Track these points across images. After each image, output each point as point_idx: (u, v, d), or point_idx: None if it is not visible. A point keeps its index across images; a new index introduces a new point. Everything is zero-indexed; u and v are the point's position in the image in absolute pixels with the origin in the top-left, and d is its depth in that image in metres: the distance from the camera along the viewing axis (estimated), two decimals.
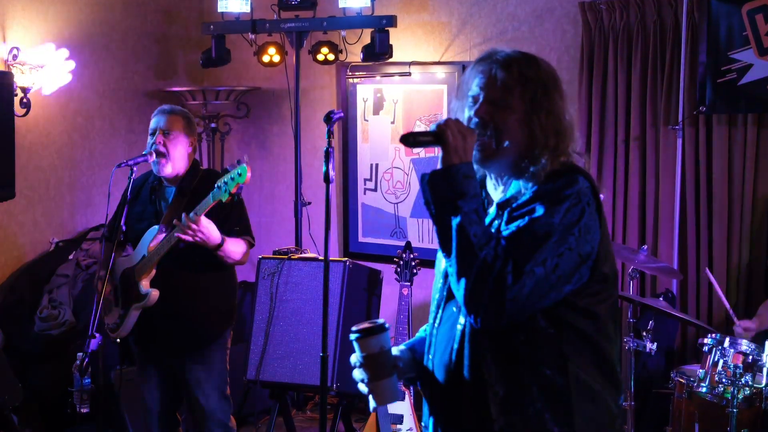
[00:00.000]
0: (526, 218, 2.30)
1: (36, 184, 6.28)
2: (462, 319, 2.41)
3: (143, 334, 4.53)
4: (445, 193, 2.31)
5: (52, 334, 5.82)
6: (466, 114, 2.46)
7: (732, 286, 5.63)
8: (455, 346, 2.42)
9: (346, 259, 5.44)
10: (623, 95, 5.91)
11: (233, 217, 4.46)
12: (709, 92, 5.55)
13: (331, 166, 3.17)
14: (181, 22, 7.38)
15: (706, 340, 4.72)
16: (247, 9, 6.67)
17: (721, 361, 4.62)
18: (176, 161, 4.46)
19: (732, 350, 4.61)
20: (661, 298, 5.60)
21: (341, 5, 6.42)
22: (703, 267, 5.66)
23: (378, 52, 6.29)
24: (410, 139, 2.43)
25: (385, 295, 5.66)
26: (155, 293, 4.35)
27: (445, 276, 2.50)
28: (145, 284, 4.35)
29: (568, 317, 2.33)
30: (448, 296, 2.49)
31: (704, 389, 4.67)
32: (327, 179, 3.15)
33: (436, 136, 2.37)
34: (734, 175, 5.63)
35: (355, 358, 2.54)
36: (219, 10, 6.69)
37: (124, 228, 4.39)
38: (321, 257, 5.50)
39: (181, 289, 4.44)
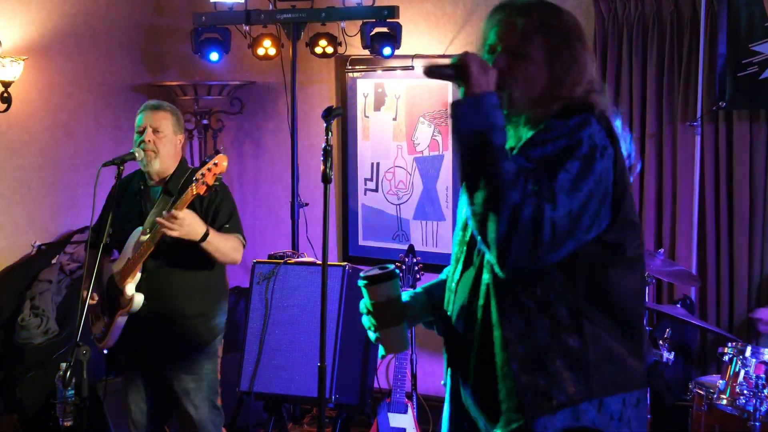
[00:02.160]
0: (541, 151, 2.32)
1: (17, 184, 6.28)
2: (486, 276, 2.43)
3: (129, 342, 4.52)
4: (475, 124, 2.28)
5: (33, 343, 5.82)
6: None
7: (753, 290, 5.62)
8: (480, 302, 2.45)
9: (346, 263, 5.43)
10: (638, 90, 5.90)
11: (223, 214, 4.46)
12: (729, 87, 5.55)
13: (329, 165, 3.16)
14: (171, 12, 7.37)
15: (726, 349, 4.72)
16: None
17: (742, 372, 4.62)
18: (165, 159, 4.48)
19: (754, 360, 4.60)
20: (678, 305, 5.59)
21: None
22: (724, 271, 5.65)
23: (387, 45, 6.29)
24: (432, 69, 2.40)
25: None
26: (140, 297, 4.36)
27: (464, 228, 2.55)
28: (129, 288, 4.36)
29: (583, 267, 2.37)
30: (469, 250, 2.52)
31: (725, 401, 4.66)
32: (325, 179, 3.14)
33: (459, 69, 2.35)
34: (756, 173, 5.62)
35: (363, 304, 2.59)
36: (211, 0, 6.69)
37: (110, 231, 4.38)
38: (319, 261, 5.50)
39: (168, 293, 4.44)
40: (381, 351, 2.61)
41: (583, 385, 2.37)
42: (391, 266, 2.60)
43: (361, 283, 2.57)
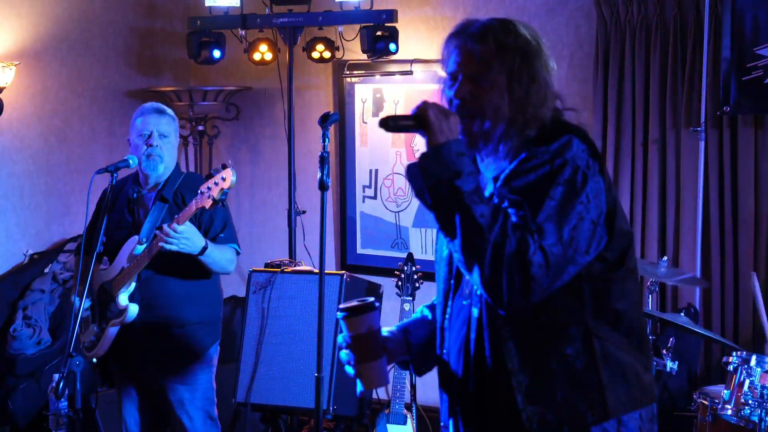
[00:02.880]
0: (524, 180, 2.30)
1: (9, 191, 6.28)
2: (476, 311, 2.42)
3: (122, 352, 4.52)
4: (440, 175, 2.28)
5: (26, 354, 5.82)
6: (447, 95, 2.46)
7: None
8: (472, 336, 2.43)
9: (344, 272, 5.42)
10: (641, 95, 5.91)
11: (218, 223, 4.47)
12: (734, 91, 5.55)
13: (326, 173, 3.16)
14: (165, 16, 7.39)
15: (731, 359, 4.71)
16: (236, 2, 6.67)
17: (747, 381, 4.61)
18: (169, 164, 4.51)
19: (759, 369, 4.59)
20: (682, 314, 5.59)
21: None
22: (728, 279, 5.65)
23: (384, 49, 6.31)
24: (390, 123, 2.43)
25: (386, 311, 5.65)
26: (134, 308, 4.36)
27: (449, 263, 2.53)
28: (123, 299, 4.35)
29: (589, 286, 2.36)
30: (456, 285, 2.50)
31: (729, 412, 4.65)
32: (323, 186, 3.14)
33: (418, 119, 2.36)
34: (761, 179, 5.62)
35: (341, 338, 2.56)
36: (206, 3, 6.70)
37: (104, 239, 4.38)
38: (316, 270, 5.49)
39: (163, 302, 4.44)
40: (359, 386, 2.57)
41: (598, 408, 2.35)
42: (371, 299, 2.56)
43: (339, 315, 2.54)
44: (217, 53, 6.63)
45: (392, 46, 6.30)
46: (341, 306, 2.56)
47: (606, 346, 2.36)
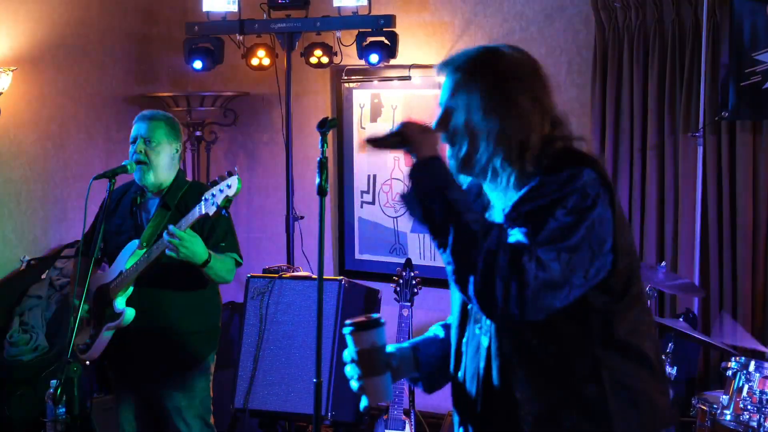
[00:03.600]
0: (532, 205, 2.32)
1: (6, 197, 6.29)
2: (485, 339, 2.46)
3: (119, 358, 4.52)
4: (429, 186, 2.34)
5: (23, 360, 5.83)
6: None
7: (758, 304, 5.64)
8: (482, 364, 2.47)
9: (342, 277, 5.44)
10: (639, 100, 5.93)
11: (219, 232, 4.46)
12: (732, 96, 5.57)
13: (325, 178, 3.17)
14: (163, 22, 7.40)
15: (729, 364, 4.73)
16: (234, 8, 6.69)
17: (746, 387, 4.63)
18: (159, 170, 4.46)
19: (758, 375, 4.61)
20: (681, 319, 5.60)
21: (336, 4, 6.45)
22: (727, 285, 5.67)
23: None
24: (377, 141, 2.49)
25: (384, 317, 5.66)
26: (130, 312, 4.35)
27: None
28: (120, 302, 4.35)
29: (596, 317, 2.36)
30: (472, 311, 2.53)
31: (728, 417, 4.67)
32: (321, 192, 3.15)
33: (402, 135, 2.43)
34: (760, 185, 5.64)
35: (347, 353, 2.60)
36: (204, 9, 6.72)
37: (101, 244, 4.38)
38: (314, 276, 5.51)
39: (160, 308, 4.44)
40: (363, 401, 2.61)
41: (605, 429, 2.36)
42: (377, 315, 2.62)
43: (346, 330, 2.60)
44: (199, 64, 6.66)
45: (373, 58, 6.31)
46: (348, 321, 2.61)
47: (616, 375, 2.37)
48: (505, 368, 2.40)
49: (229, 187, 4.04)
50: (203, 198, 4.07)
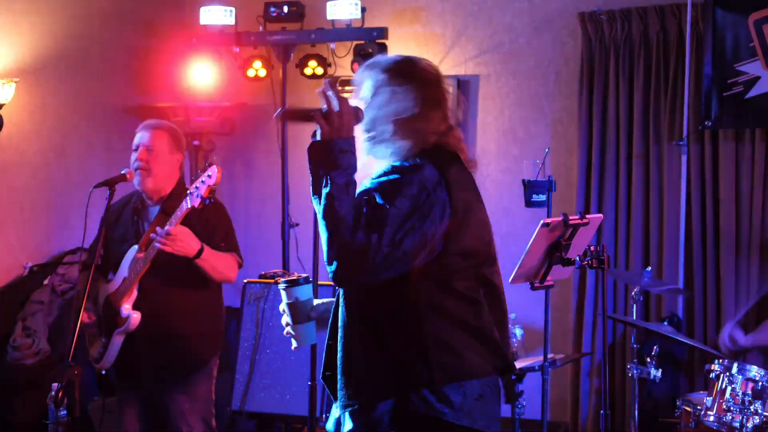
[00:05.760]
0: (373, 184, 2.71)
1: (9, 205, 6.31)
2: (341, 301, 2.85)
3: (124, 360, 4.52)
4: (320, 163, 2.71)
5: (25, 364, 5.84)
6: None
7: (741, 308, 5.67)
8: (334, 305, 2.90)
9: None
10: (625, 110, 5.97)
11: (219, 233, 4.48)
12: (715, 106, 5.61)
13: None
14: (162, 34, 7.42)
15: (713, 367, 4.75)
16: (231, 21, 6.73)
17: (729, 388, 4.65)
18: (159, 178, 4.47)
19: (741, 377, 4.64)
20: (666, 323, 5.64)
21: (330, 17, 6.48)
22: (710, 289, 5.71)
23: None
24: (288, 115, 2.96)
25: None
26: (137, 316, 4.36)
27: None
28: (126, 307, 4.36)
29: (424, 284, 2.72)
30: None
31: (712, 418, 4.70)
32: None
33: (311, 114, 2.78)
34: (742, 192, 5.68)
35: (282, 305, 3.01)
36: (202, 22, 6.75)
37: (101, 252, 4.39)
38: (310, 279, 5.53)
39: (165, 312, 4.44)
40: (293, 344, 3.03)
41: (424, 377, 2.69)
42: (305, 275, 3.07)
43: (280, 286, 3.01)
44: (196, 75, 6.72)
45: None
46: (281, 279, 3.04)
47: (437, 332, 2.71)
48: (347, 309, 2.81)
49: (209, 176, 4.09)
50: (188, 192, 4.12)
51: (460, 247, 2.74)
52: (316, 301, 3.07)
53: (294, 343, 3.04)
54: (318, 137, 2.76)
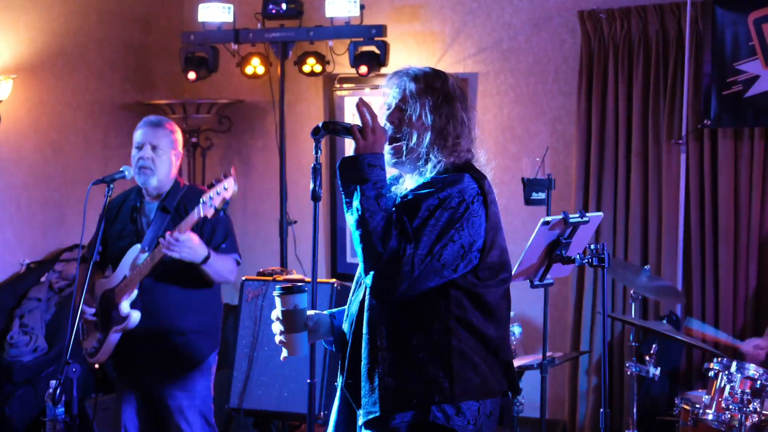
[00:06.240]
0: (411, 195, 2.78)
1: (6, 202, 6.30)
2: (360, 292, 2.92)
3: (123, 358, 4.53)
4: (351, 177, 2.79)
5: (22, 361, 5.83)
6: (382, 121, 2.94)
7: (739, 306, 5.67)
8: (355, 311, 2.94)
9: (334, 280, 5.45)
10: (624, 108, 5.96)
11: (219, 234, 4.48)
12: (714, 105, 5.61)
13: (319, 184, 3.20)
14: (159, 31, 7.41)
15: (712, 365, 4.75)
16: (229, 18, 6.71)
17: (728, 387, 4.64)
18: (162, 176, 4.48)
19: (739, 375, 4.63)
20: (664, 321, 5.64)
21: (328, 14, 6.47)
22: (709, 288, 5.70)
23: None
24: (329, 126, 2.93)
25: None
26: (136, 315, 4.37)
27: None
28: (125, 306, 4.36)
29: (457, 293, 2.78)
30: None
31: (710, 416, 4.69)
32: (315, 197, 3.17)
33: (350, 129, 2.87)
34: (740, 191, 5.68)
35: (274, 313, 3.00)
36: (200, 19, 6.74)
37: (100, 248, 4.39)
38: (307, 278, 5.52)
39: (164, 310, 4.44)
40: (283, 353, 3.02)
41: (446, 391, 2.76)
42: (301, 283, 3.02)
43: (275, 293, 2.98)
44: (193, 74, 6.71)
45: (362, 69, 6.37)
46: (277, 286, 3.00)
47: (462, 347, 2.78)
48: (373, 320, 2.83)
49: (225, 189, 4.11)
50: (201, 201, 4.12)
51: (491, 261, 2.81)
52: (309, 312, 3.06)
53: (284, 353, 3.03)
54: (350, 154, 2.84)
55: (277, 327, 3.02)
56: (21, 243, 6.40)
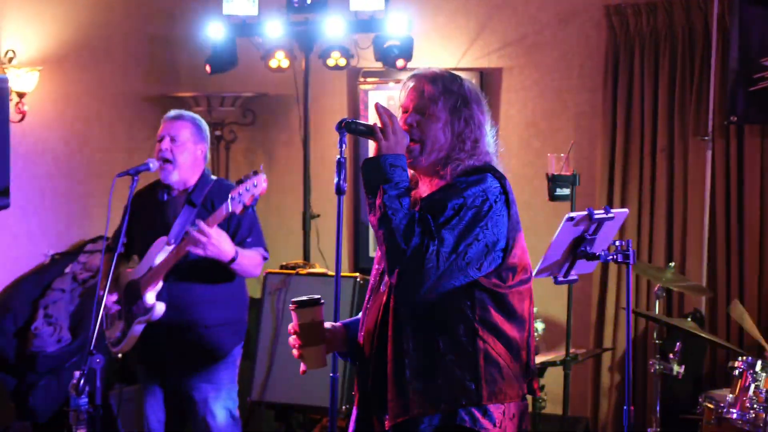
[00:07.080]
0: (444, 196, 2.78)
1: (31, 193, 6.33)
2: (384, 297, 2.88)
3: (148, 350, 4.55)
4: (374, 177, 2.80)
5: (46, 351, 5.85)
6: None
7: (765, 306, 5.63)
8: (380, 317, 2.88)
9: (357, 274, 5.46)
10: (650, 104, 5.93)
11: (245, 227, 4.48)
12: (741, 101, 5.57)
13: (343, 178, 3.19)
14: (184, 24, 7.42)
15: (736, 364, 4.71)
16: (254, 11, 6.70)
17: (752, 386, 4.61)
18: (183, 169, 4.49)
19: (764, 374, 4.60)
20: (689, 319, 5.60)
21: (353, 8, 6.46)
22: (734, 286, 5.66)
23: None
24: (351, 126, 2.90)
25: None
26: (161, 306, 4.38)
27: (379, 261, 2.98)
28: (150, 297, 4.37)
29: (480, 298, 2.78)
30: (381, 279, 2.95)
31: (735, 415, 4.66)
32: (339, 191, 3.17)
33: (372, 130, 2.87)
34: (767, 188, 5.63)
35: (291, 325, 2.98)
36: (224, 12, 6.73)
37: (125, 240, 4.41)
38: (330, 272, 5.53)
39: (187, 301, 4.45)
40: (302, 367, 3.00)
41: (473, 393, 2.75)
42: (318, 296, 2.98)
43: (291, 307, 2.96)
44: (215, 67, 6.70)
45: (400, 62, 6.34)
46: (293, 300, 2.97)
47: (487, 349, 2.78)
48: (398, 322, 2.81)
49: (255, 186, 4.12)
50: (230, 197, 4.12)
51: (513, 261, 2.82)
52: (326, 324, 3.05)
53: (303, 366, 3.01)
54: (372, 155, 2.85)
55: (293, 341, 3.01)
56: (46, 234, 6.43)
